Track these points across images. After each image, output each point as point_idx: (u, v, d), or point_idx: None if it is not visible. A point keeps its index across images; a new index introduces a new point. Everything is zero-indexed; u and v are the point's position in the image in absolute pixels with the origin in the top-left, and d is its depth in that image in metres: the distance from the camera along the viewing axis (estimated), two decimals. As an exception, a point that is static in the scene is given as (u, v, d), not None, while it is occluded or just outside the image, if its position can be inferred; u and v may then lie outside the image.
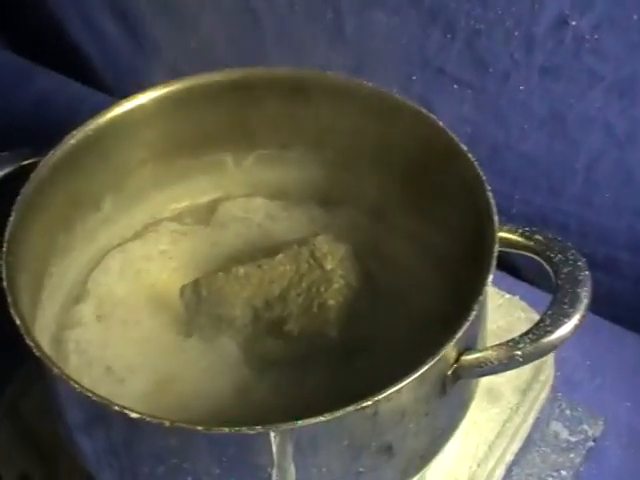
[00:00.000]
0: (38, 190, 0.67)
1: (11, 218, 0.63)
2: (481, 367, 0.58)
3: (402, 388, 0.53)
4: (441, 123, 0.68)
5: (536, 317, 0.75)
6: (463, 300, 0.60)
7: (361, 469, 0.57)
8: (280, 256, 0.69)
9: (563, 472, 0.77)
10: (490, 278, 0.58)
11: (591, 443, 0.78)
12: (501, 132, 0.86)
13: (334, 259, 0.69)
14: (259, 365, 0.68)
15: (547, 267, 0.61)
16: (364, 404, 0.52)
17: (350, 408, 0.51)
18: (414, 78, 0.88)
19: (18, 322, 0.57)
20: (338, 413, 0.51)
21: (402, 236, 0.74)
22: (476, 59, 0.83)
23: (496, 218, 0.61)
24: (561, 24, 0.76)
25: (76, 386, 0.54)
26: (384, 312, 0.69)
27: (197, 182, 0.80)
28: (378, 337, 0.68)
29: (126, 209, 0.77)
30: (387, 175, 0.74)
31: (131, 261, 0.76)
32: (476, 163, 0.64)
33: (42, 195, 0.67)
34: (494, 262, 0.59)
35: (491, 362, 0.58)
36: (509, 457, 0.73)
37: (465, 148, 0.66)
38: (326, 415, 0.51)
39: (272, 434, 0.52)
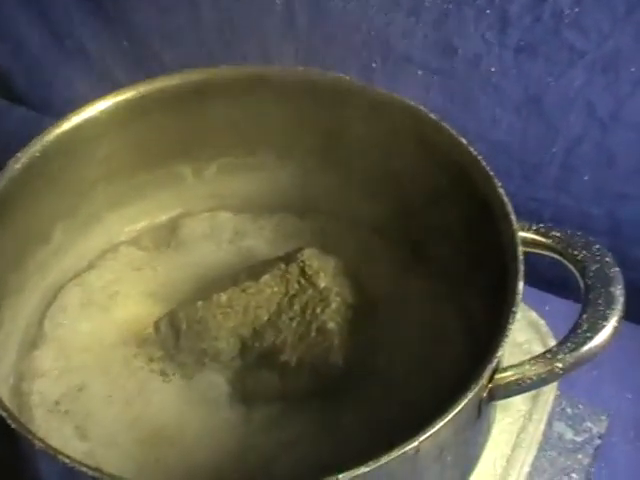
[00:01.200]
0: (-17, 227, 0.58)
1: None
2: (519, 385, 0.52)
3: (446, 423, 0.47)
4: (433, 115, 0.62)
5: (536, 319, 0.72)
6: (484, 311, 0.54)
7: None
8: (266, 277, 0.62)
9: (574, 475, 0.72)
10: (521, 286, 0.52)
11: (598, 441, 0.74)
12: (471, 119, 0.80)
13: (326, 275, 0.62)
14: (252, 404, 0.61)
15: (570, 266, 0.56)
16: (408, 447, 0.45)
17: (394, 453, 0.45)
18: (374, 65, 0.81)
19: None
20: (382, 460, 0.44)
21: (393, 245, 0.68)
22: (443, 42, 0.77)
23: (513, 217, 0.55)
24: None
25: (66, 460, 0.46)
26: (386, 329, 0.62)
27: (154, 199, 0.72)
28: (384, 358, 0.61)
29: (79, 236, 0.69)
30: (373, 179, 0.67)
31: (90, 295, 0.68)
32: (480, 157, 0.59)
33: (-12, 232, 0.58)
34: (522, 267, 0.53)
35: (530, 379, 0.52)
36: (526, 469, 0.68)
37: (465, 141, 0.60)
38: (369, 464, 0.44)
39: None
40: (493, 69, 0.77)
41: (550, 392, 0.71)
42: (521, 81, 0.77)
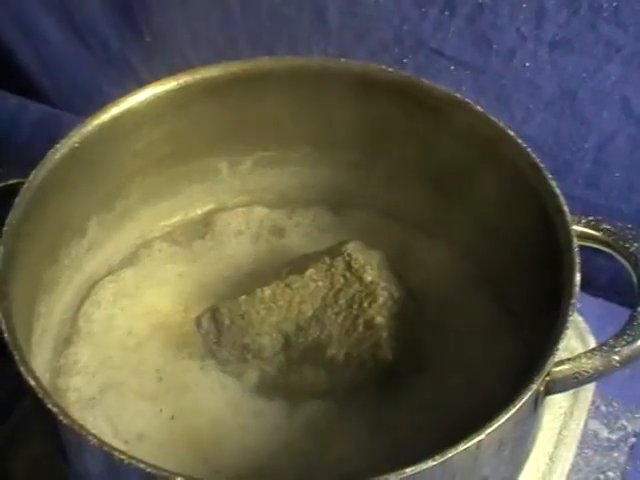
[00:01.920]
0: (25, 217, 0.57)
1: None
2: (576, 378, 0.51)
3: (510, 416, 0.46)
4: (479, 107, 0.61)
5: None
6: (533, 307, 0.53)
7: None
8: (310, 271, 0.61)
9: (610, 473, 0.72)
10: (578, 277, 0.51)
11: (633, 439, 0.73)
12: (503, 114, 0.79)
13: (372, 269, 0.61)
14: (296, 400, 0.60)
15: (622, 260, 0.55)
16: (474, 440, 0.45)
17: (461, 446, 0.44)
18: (406, 61, 0.80)
19: (33, 384, 0.48)
20: (449, 454, 0.44)
21: (436, 242, 0.67)
22: (478, 37, 0.76)
23: (567, 209, 0.55)
24: (576, -9, 0.70)
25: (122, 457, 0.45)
26: (434, 326, 0.61)
27: (188, 194, 0.71)
28: (432, 354, 0.60)
29: (113, 231, 0.68)
30: (414, 173, 0.66)
31: (124, 290, 0.67)
32: (529, 150, 0.58)
33: (29, 222, 0.57)
34: (578, 258, 0.52)
35: (586, 372, 0.51)
36: (567, 466, 0.67)
37: (512, 133, 0.59)
38: (436, 458, 0.44)
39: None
40: (527, 64, 0.76)
41: (590, 389, 0.70)
42: (555, 76, 0.76)
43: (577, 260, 0.52)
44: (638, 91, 0.74)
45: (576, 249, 0.52)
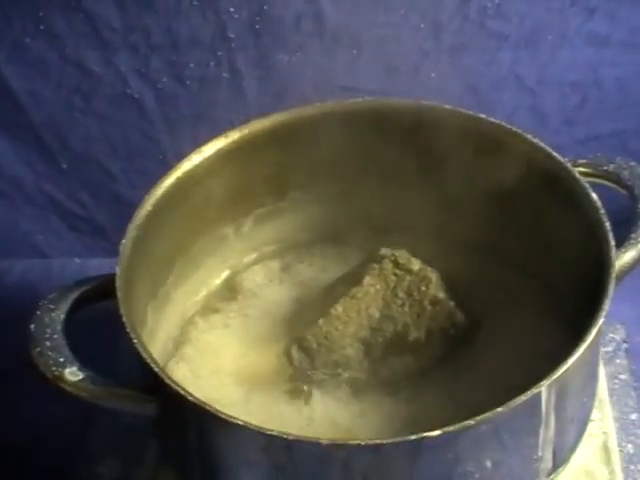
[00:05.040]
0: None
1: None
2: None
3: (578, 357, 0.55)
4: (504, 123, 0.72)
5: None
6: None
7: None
8: (367, 279, 0.69)
9: (621, 376, 0.81)
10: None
11: (625, 345, 0.83)
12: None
13: (416, 259, 0.70)
14: (394, 390, 0.67)
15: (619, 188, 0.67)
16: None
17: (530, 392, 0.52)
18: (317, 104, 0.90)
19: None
20: (514, 402, 0.51)
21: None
22: (385, 64, 0.88)
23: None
24: (464, 1, 0.83)
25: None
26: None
27: (206, 266, 0.77)
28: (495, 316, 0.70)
29: (160, 315, 0.72)
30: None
31: (195, 367, 0.71)
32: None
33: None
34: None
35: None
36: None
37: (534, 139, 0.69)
38: (507, 404, 0.51)
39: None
40: (433, 74, 0.88)
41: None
42: (457, 76, 0.89)
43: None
44: (527, 67, 0.88)
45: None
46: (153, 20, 0.85)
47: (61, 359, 0.58)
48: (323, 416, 0.66)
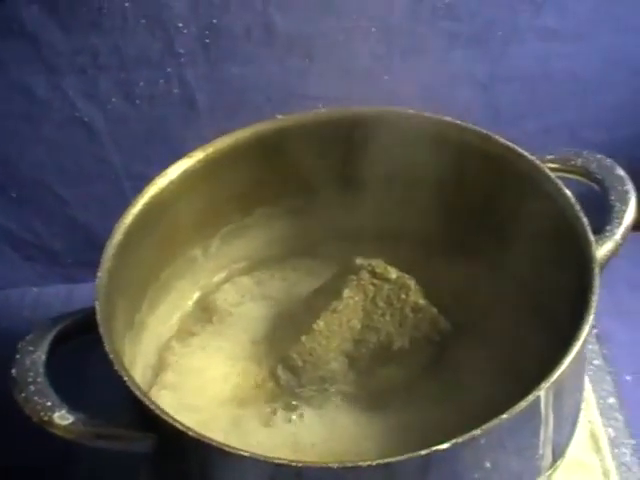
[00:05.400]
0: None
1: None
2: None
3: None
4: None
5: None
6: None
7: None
8: (346, 291, 0.69)
9: (595, 362, 0.81)
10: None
11: (595, 330, 0.83)
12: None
13: (393, 268, 0.69)
14: (384, 401, 0.67)
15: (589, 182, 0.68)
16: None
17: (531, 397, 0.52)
18: (279, 116, 0.89)
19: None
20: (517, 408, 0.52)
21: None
22: (338, 70, 0.87)
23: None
24: (415, 3, 0.83)
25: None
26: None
27: (178, 289, 0.76)
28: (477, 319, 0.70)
29: (138, 346, 0.71)
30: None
31: (180, 397, 0.70)
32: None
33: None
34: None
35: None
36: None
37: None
38: (509, 412, 0.51)
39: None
40: (386, 77, 0.88)
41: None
42: (410, 78, 0.88)
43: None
44: (479, 64, 0.88)
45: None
46: (100, 40, 0.83)
47: (48, 403, 0.56)
48: (316, 433, 0.65)
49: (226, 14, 0.83)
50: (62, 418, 0.55)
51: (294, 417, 0.67)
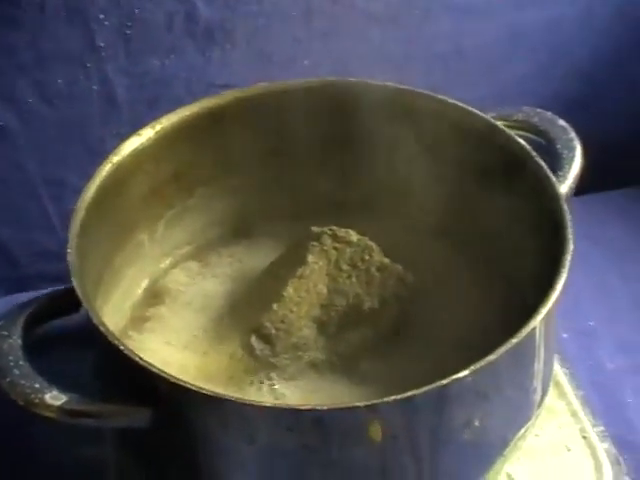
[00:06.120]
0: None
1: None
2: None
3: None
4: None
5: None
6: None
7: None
8: (310, 257, 0.68)
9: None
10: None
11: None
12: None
13: (354, 232, 0.70)
14: (354, 364, 0.67)
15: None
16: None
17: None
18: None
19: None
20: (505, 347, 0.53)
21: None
22: (259, 56, 0.88)
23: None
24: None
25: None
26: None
27: (129, 277, 0.74)
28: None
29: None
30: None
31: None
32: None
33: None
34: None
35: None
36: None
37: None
38: (498, 352, 0.52)
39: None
40: (306, 62, 0.89)
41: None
42: (330, 60, 0.90)
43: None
44: (395, 43, 0.91)
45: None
46: (18, 37, 0.80)
47: (36, 385, 0.53)
48: (294, 402, 0.64)
49: (148, 3, 0.82)
50: (55, 398, 0.53)
51: (270, 387, 0.66)
